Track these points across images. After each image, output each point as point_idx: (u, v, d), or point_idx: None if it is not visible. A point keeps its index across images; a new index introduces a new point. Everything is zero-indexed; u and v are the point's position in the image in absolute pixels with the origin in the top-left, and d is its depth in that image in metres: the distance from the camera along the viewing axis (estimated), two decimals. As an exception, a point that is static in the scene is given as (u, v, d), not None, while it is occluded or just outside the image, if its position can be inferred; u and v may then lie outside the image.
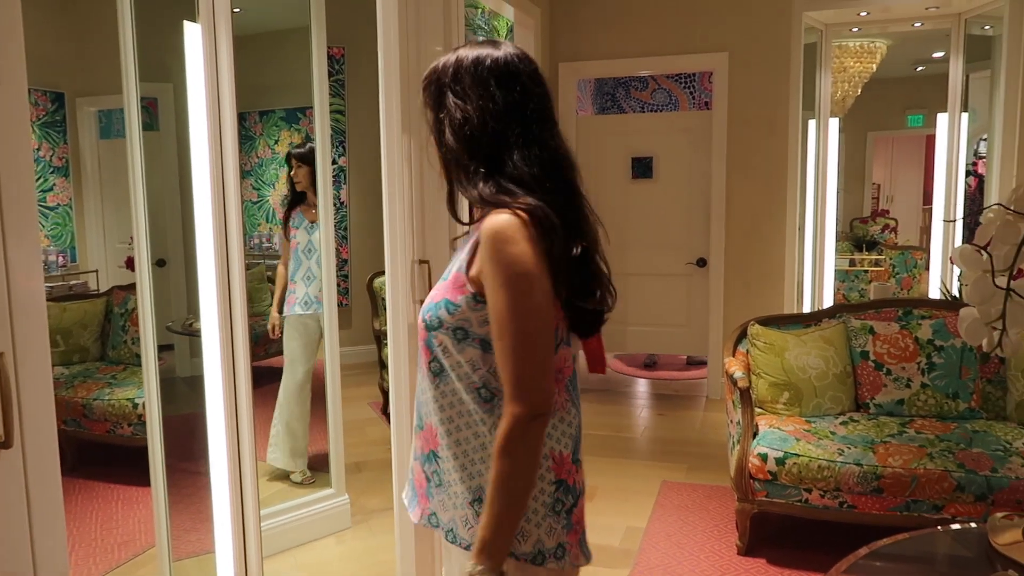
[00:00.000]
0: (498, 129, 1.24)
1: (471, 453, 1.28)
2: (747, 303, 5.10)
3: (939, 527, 2.23)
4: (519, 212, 1.19)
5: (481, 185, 1.24)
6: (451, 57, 1.31)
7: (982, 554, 1.69)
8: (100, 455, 4.00)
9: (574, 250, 1.22)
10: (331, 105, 5.63)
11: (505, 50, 1.29)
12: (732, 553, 3.07)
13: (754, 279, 5.18)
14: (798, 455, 2.91)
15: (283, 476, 3.59)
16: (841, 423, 3.19)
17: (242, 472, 2.23)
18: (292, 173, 3.58)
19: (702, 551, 3.10)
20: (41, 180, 5.70)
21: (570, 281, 1.22)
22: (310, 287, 3.47)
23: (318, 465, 3.58)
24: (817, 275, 5.33)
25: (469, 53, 1.29)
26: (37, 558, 1.05)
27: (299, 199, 3.59)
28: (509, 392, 1.18)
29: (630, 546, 3.16)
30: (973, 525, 1.83)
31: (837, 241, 6.04)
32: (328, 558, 3.10)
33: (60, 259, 5.73)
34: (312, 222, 3.50)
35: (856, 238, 7.67)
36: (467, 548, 1.26)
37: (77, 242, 5.97)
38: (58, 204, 5.83)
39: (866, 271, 7.18)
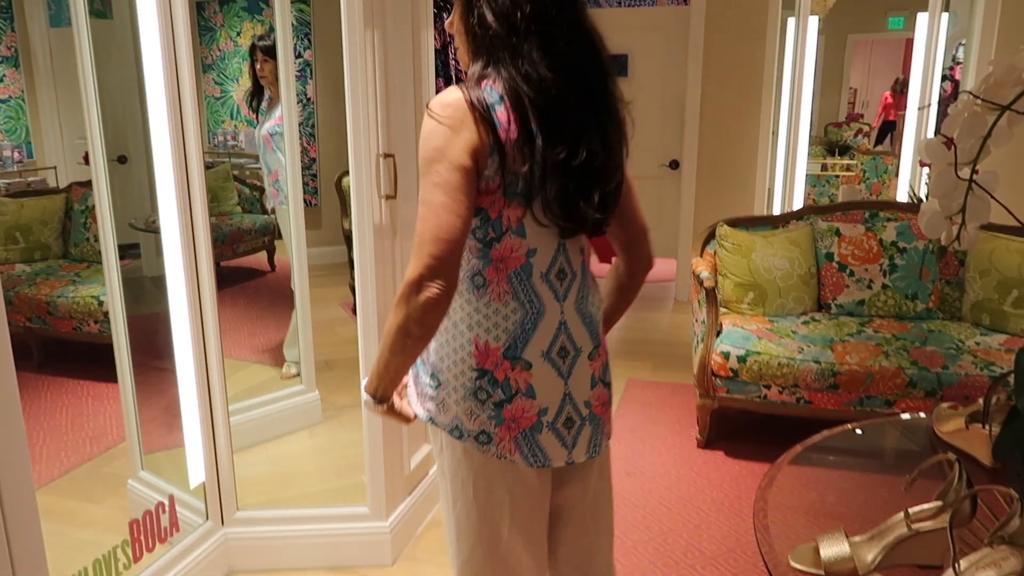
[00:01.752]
0: (533, 14, 1.22)
1: (443, 332, 1.32)
2: (718, 206, 5.11)
3: (888, 419, 2.32)
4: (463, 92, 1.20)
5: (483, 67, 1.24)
6: None
7: (926, 442, 1.76)
8: (68, 352, 3.99)
9: (559, 153, 1.21)
10: (295, -6, 5.39)
11: None
12: (692, 446, 3.19)
13: (725, 182, 5.18)
14: (759, 353, 2.98)
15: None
16: (803, 323, 3.26)
17: (209, 369, 2.24)
18: (258, 68, 3.43)
19: (664, 444, 3.21)
20: (-11, 71, 5.43)
21: (559, 183, 1.23)
22: (265, 183, 3.42)
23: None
24: (788, 179, 5.32)
25: None
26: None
27: (261, 93, 3.47)
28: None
29: (594, 440, 3.26)
30: (922, 415, 1.91)
31: (810, 145, 6.02)
32: (299, 451, 3.17)
33: (16, 154, 5.53)
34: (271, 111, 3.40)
35: (830, 143, 7.65)
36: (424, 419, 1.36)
37: (33, 137, 5.75)
38: (9, 96, 5.58)
39: (837, 176, 7.20)
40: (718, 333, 3.14)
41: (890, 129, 8.01)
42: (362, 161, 2.17)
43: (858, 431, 1.88)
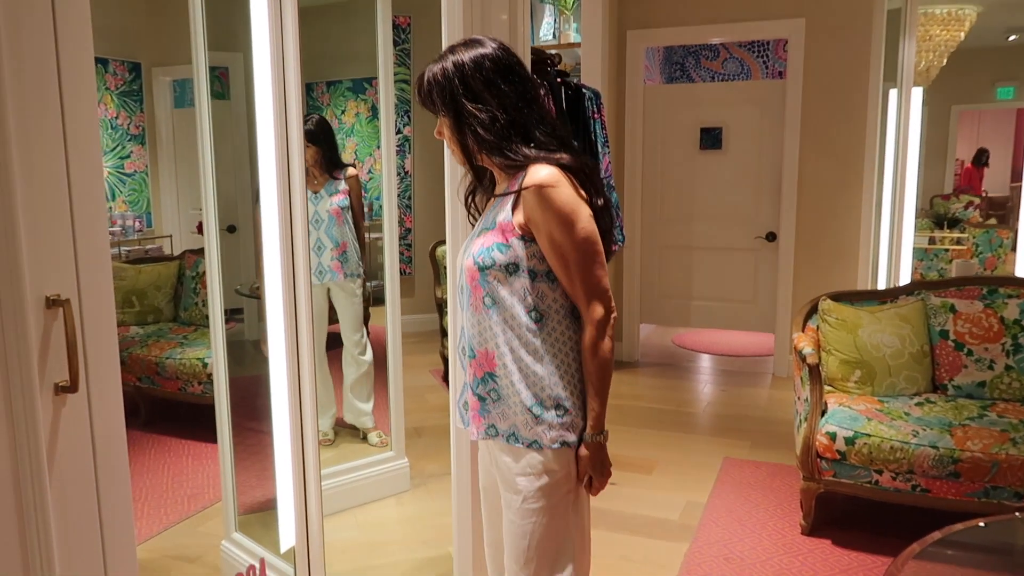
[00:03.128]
0: (518, 114, 1.51)
1: (530, 366, 1.52)
2: (817, 280, 4.93)
3: (1018, 513, 2.11)
4: (557, 164, 1.48)
5: (524, 150, 1.50)
6: (447, 64, 1.52)
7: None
8: (172, 412, 4.15)
9: (598, 201, 1.52)
10: (396, 75, 5.64)
11: (491, 46, 1.53)
12: (796, 532, 2.99)
13: (826, 255, 5.00)
14: (869, 435, 2.80)
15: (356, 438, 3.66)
16: (916, 404, 3.05)
17: (304, 433, 2.26)
18: None
19: (764, 529, 3.03)
20: (119, 148, 5.90)
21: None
22: (322, 257, 3.48)
23: (381, 428, 3.63)
24: (894, 253, 5.10)
25: (464, 57, 1.51)
26: (102, 499, 1.07)
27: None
28: (586, 304, 1.50)
29: (690, 521, 3.11)
30: (1059, 512, 1.73)
31: (916, 218, 5.78)
32: (387, 518, 3.15)
33: (137, 223, 5.93)
34: (315, 192, 3.48)
35: (936, 215, 7.32)
36: (529, 446, 1.53)
37: (153, 208, 6.17)
38: (135, 171, 6.03)
39: (946, 250, 6.85)
40: (823, 412, 2.98)
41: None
42: (459, 234, 2.20)
43: (981, 524, 1.72)
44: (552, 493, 1.54)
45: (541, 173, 1.46)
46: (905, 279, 5.29)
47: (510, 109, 1.50)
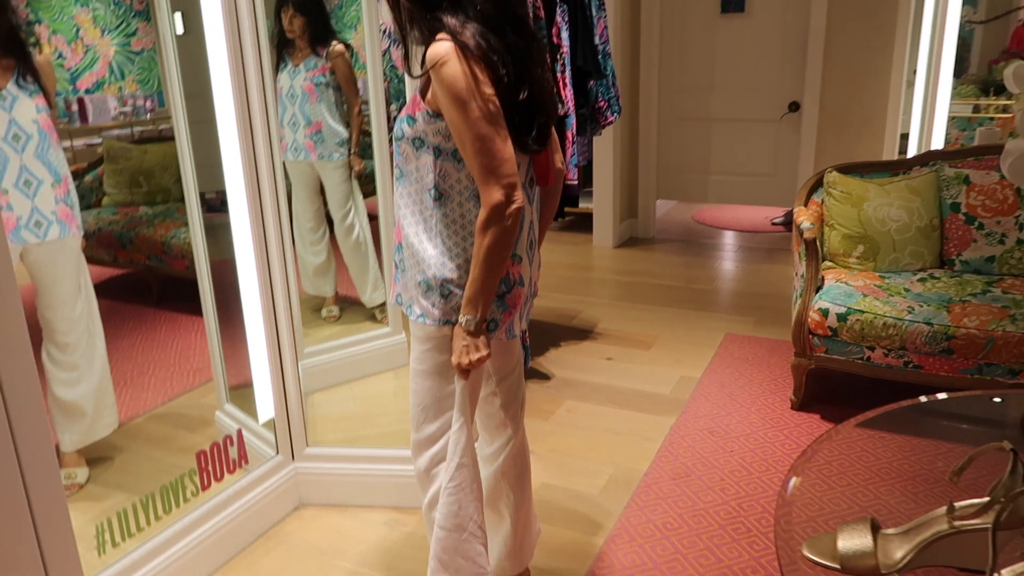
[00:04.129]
0: None
1: (424, 243, 1.52)
2: (841, 153, 4.71)
3: (997, 398, 2.05)
4: (454, 39, 1.38)
5: (439, 22, 1.40)
6: None
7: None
8: (180, 290, 4.24)
9: (523, 93, 1.43)
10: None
11: None
12: (785, 407, 2.99)
13: (851, 127, 4.75)
14: (862, 311, 2.73)
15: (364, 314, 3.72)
16: (919, 280, 2.95)
17: (276, 307, 2.29)
18: (287, 20, 3.36)
19: (754, 404, 3.03)
20: (123, 24, 5.75)
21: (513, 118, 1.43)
22: (297, 133, 3.40)
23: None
24: (926, 123, 4.81)
25: None
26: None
27: (286, 43, 3.42)
28: (482, 187, 1.43)
29: (681, 395, 3.13)
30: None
31: (963, 84, 5.41)
32: (383, 391, 3.23)
33: (148, 103, 5.87)
34: (295, 65, 3.35)
35: (984, 82, 6.85)
36: (417, 319, 1.57)
37: (163, 86, 6.08)
38: (143, 48, 5.89)
39: (992, 119, 6.46)
40: (818, 288, 2.90)
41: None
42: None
43: (942, 396, 1.67)
44: (428, 359, 1.60)
45: (435, 49, 1.38)
46: (937, 150, 5.02)
47: None
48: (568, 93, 3.02)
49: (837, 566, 1.01)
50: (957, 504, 1.01)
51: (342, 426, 2.92)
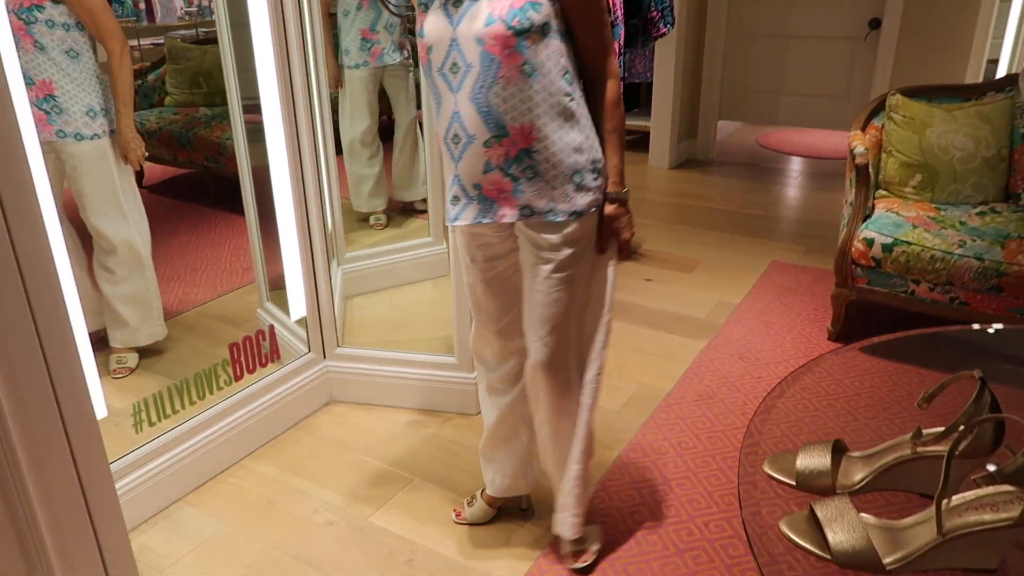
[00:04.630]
0: None
1: (570, 132, 1.48)
2: (920, 75, 4.42)
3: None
4: None
5: None
6: None
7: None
8: (237, 191, 4.35)
9: None
10: None
11: None
12: (822, 338, 2.94)
13: (934, 47, 4.44)
14: (909, 243, 2.62)
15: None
16: (978, 213, 2.80)
17: (308, 209, 2.34)
18: None
19: (790, 332, 2.98)
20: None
21: None
22: (394, 35, 3.39)
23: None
24: (1020, 43, 4.46)
25: None
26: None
27: None
28: (605, 60, 1.51)
29: (716, 319, 3.10)
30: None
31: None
32: (420, 299, 3.30)
33: (211, 4, 5.91)
34: None
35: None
36: (568, 217, 1.51)
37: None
38: (207, -52, 5.91)
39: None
40: (866, 217, 2.79)
41: None
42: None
43: (989, 332, 1.60)
44: (579, 260, 1.56)
45: None
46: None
47: None
48: (617, 0, 2.91)
49: (793, 483, 1.01)
50: (925, 431, 1.00)
51: (378, 330, 3.01)
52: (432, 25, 1.46)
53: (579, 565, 1.83)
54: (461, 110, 1.47)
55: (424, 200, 3.77)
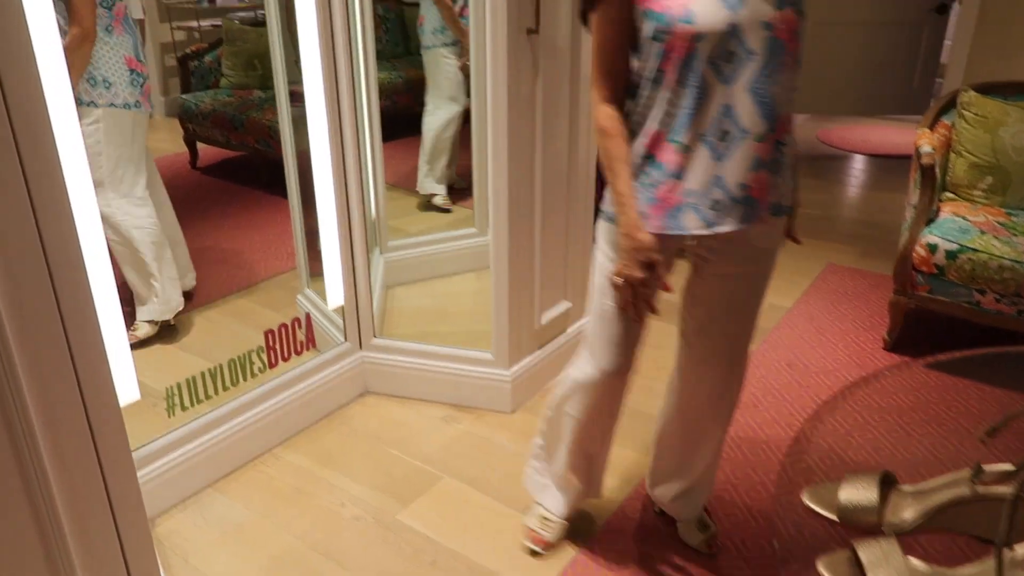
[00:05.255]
0: None
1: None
2: (996, 67, 4.17)
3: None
4: None
5: None
6: None
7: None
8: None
9: None
10: None
11: None
12: (877, 347, 2.80)
13: (1014, 34, 4.18)
14: (976, 250, 2.47)
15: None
16: (1053, 221, 2.63)
17: (348, 197, 2.32)
18: None
19: (843, 340, 2.86)
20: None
21: None
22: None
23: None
24: (1107, 39, 4.17)
25: None
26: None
27: None
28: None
29: (765, 324, 2.98)
30: None
31: None
32: (463, 291, 3.26)
33: (270, -14, 5.95)
34: None
35: None
36: (788, 208, 1.48)
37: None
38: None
39: None
40: (930, 221, 2.64)
41: None
42: None
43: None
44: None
45: None
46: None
47: None
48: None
49: (835, 517, 0.93)
50: (987, 467, 0.91)
51: (418, 320, 2.98)
52: (704, 10, 1.27)
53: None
54: (735, 103, 1.32)
55: (444, 196, 3.76)
